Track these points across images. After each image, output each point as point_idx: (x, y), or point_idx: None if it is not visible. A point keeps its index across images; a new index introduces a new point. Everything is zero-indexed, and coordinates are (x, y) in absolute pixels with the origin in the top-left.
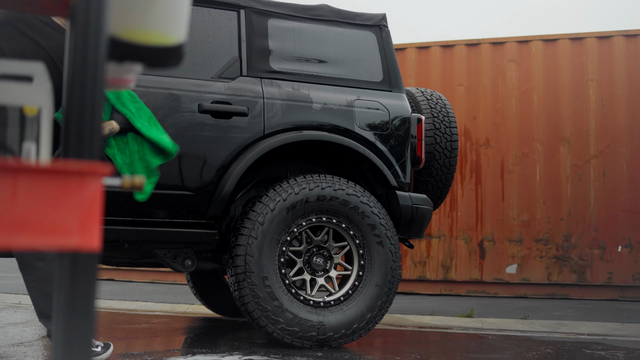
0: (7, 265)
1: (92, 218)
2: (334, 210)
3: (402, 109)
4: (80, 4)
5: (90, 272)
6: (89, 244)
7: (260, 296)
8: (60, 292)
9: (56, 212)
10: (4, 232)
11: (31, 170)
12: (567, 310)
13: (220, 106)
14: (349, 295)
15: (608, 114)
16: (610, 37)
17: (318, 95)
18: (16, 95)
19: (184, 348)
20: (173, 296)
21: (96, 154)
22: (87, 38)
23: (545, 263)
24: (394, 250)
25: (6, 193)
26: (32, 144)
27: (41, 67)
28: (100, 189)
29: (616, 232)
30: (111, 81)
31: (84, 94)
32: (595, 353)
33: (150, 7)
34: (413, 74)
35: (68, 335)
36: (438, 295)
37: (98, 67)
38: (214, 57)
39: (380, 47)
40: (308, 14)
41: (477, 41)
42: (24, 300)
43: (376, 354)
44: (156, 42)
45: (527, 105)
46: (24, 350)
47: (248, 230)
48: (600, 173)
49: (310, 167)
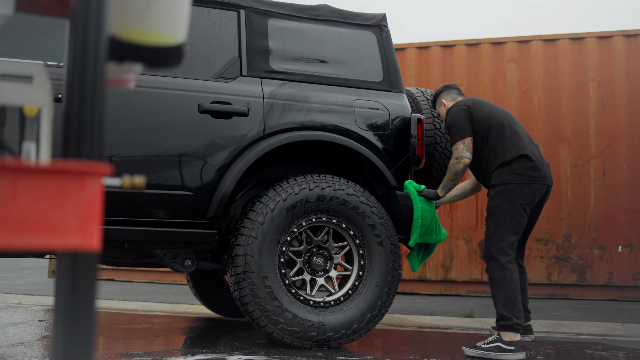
0: (7, 265)
1: (92, 218)
2: (334, 210)
3: (402, 109)
4: (80, 4)
5: (90, 272)
6: (89, 244)
7: (260, 296)
8: (60, 292)
9: (56, 212)
10: (4, 232)
11: (31, 170)
12: (567, 310)
13: (220, 106)
14: (349, 295)
15: (608, 114)
16: (610, 37)
17: (318, 95)
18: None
19: (184, 348)
20: (173, 296)
21: (96, 154)
22: (87, 38)
23: (546, 263)
24: (394, 250)
25: (6, 193)
26: (32, 144)
27: (41, 67)
28: (100, 189)
29: (616, 232)
30: (111, 81)
31: (84, 94)
32: (595, 353)
33: (150, 7)
34: (413, 74)
35: (68, 335)
36: (438, 295)
37: (98, 67)
38: (214, 57)
39: (380, 47)
40: (308, 14)
41: (477, 41)
42: (24, 300)
43: (376, 354)
44: (156, 42)
45: (527, 105)
46: (24, 350)
47: (248, 230)
48: (600, 173)
49: (310, 167)
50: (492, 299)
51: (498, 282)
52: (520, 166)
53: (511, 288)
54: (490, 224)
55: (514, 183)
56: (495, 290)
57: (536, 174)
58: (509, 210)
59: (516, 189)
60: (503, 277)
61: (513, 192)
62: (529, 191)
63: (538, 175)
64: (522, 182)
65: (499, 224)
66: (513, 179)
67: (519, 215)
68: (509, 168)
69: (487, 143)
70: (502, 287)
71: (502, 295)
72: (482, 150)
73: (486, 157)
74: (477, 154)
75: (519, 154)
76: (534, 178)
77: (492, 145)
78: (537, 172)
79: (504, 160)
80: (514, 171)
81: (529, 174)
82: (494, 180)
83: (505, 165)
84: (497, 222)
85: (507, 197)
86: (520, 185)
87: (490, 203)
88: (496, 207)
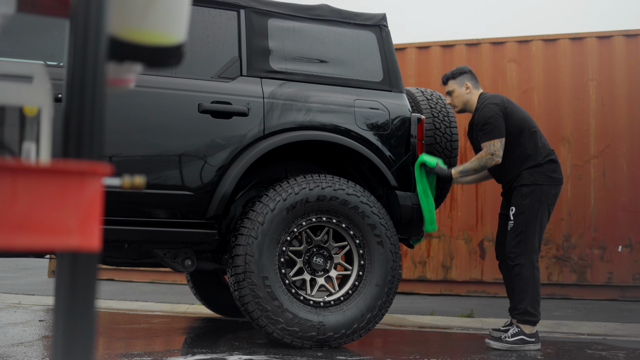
0: (7, 265)
1: (92, 218)
2: (334, 210)
3: (402, 109)
4: (80, 4)
5: (90, 272)
6: (89, 244)
7: (260, 296)
8: (60, 292)
9: (56, 212)
10: (4, 232)
11: (31, 170)
12: (567, 310)
13: (220, 106)
14: (349, 295)
15: (608, 113)
16: (610, 37)
17: (318, 95)
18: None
19: (184, 348)
20: (173, 296)
21: (96, 154)
22: (87, 38)
23: (546, 263)
24: (394, 250)
25: (6, 193)
26: (32, 144)
27: (41, 67)
28: (100, 189)
29: (616, 232)
30: (111, 81)
31: (84, 94)
32: (595, 353)
33: (150, 7)
34: (413, 74)
35: (68, 335)
36: (438, 295)
37: (98, 67)
38: (214, 57)
39: (380, 47)
40: (308, 14)
41: (477, 41)
42: (24, 300)
43: (376, 354)
44: (156, 42)
45: (527, 105)
46: (24, 350)
47: (248, 230)
48: (600, 173)
49: (310, 167)
50: (517, 293)
51: (527, 279)
52: (551, 169)
53: (538, 287)
54: (520, 221)
55: (545, 184)
56: (523, 287)
57: (560, 176)
58: (540, 210)
59: (546, 190)
60: (533, 276)
61: (544, 193)
62: (555, 192)
63: (561, 178)
64: (551, 183)
65: (531, 223)
66: (544, 180)
67: (547, 216)
68: (541, 169)
69: (518, 143)
70: (531, 285)
71: (531, 293)
72: (510, 150)
73: (516, 156)
74: (505, 152)
75: (550, 158)
76: (559, 180)
77: (524, 147)
78: (560, 175)
79: (537, 162)
80: (545, 173)
81: (556, 177)
82: (525, 180)
83: (538, 167)
84: (529, 220)
85: (539, 197)
86: (549, 187)
87: (523, 201)
88: (529, 205)
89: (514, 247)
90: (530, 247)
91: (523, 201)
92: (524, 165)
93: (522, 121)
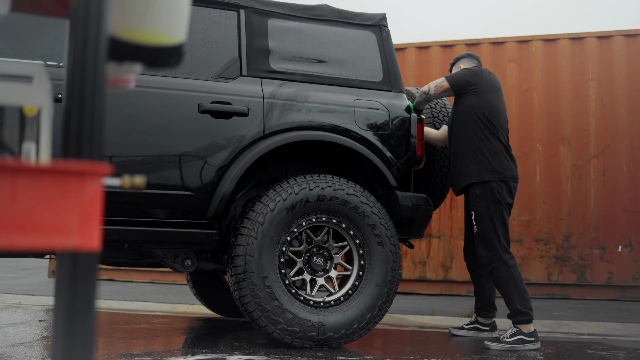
0: (7, 265)
1: (92, 218)
2: (334, 210)
3: (402, 109)
4: (80, 4)
5: (90, 272)
6: (89, 244)
7: (260, 296)
8: (60, 292)
9: (56, 212)
10: (4, 232)
11: (31, 170)
12: (567, 310)
13: (220, 106)
14: (349, 295)
15: (608, 113)
16: (610, 37)
17: (318, 95)
18: (16, 95)
19: (184, 348)
20: (173, 296)
21: (96, 154)
22: (87, 38)
23: (546, 263)
24: (394, 250)
25: (6, 193)
26: (32, 144)
27: (41, 67)
28: (100, 189)
29: (616, 232)
30: (111, 81)
31: (84, 94)
32: (595, 353)
33: (150, 7)
34: (413, 74)
35: (68, 335)
36: (438, 295)
37: (98, 67)
38: (214, 57)
39: (380, 47)
40: (308, 14)
41: (477, 41)
42: (24, 301)
43: (376, 354)
44: (156, 42)
45: (527, 105)
46: (24, 350)
47: (248, 230)
48: (600, 173)
49: (310, 167)
50: (503, 296)
51: (507, 280)
52: (501, 165)
53: (521, 283)
54: (482, 226)
55: (494, 181)
56: (505, 288)
57: (511, 174)
58: (497, 209)
59: (496, 186)
60: (511, 275)
61: (495, 190)
62: (507, 189)
63: (515, 176)
64: (501, 179)
65: (492, 224)
66: (493, 177)
67: (507, 211)
68: (490, 166)
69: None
70: (512, 284)
71: (515, 292)
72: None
73: (469, 151)
74: (458, 147)
75: (503, 154)
76: (510, 177)
77: (481, 141)
78: (514, 173)
79: (489, 159)
80: (495, 169)
81: (507, 173)
82: (474, 178)
83: (488, 163)
84: (489, 222)
85: (492, 196)
86: (500, 184)
87: (478, 204)
88: (485, 207)
89: (483, 252)
90: (498, 248)
91: (478, 204)
92: (474, 162)
93: (487, 104)
